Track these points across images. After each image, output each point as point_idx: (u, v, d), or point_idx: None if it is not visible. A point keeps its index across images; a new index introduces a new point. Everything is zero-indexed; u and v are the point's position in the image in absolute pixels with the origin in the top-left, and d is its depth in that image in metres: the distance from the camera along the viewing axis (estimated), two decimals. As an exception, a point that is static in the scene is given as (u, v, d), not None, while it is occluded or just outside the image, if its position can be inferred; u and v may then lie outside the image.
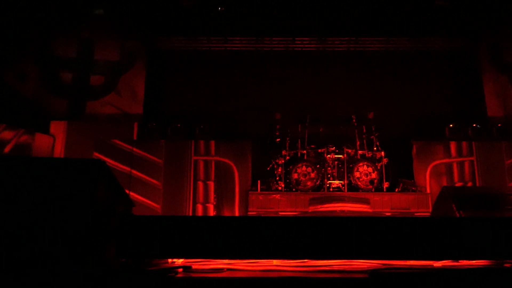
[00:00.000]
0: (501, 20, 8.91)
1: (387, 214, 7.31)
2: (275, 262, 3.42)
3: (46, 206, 3.02)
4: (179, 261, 3.63)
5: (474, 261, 3.29)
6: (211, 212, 7.90)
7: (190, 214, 7.83)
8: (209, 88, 9.49)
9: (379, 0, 8.78)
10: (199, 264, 3.48)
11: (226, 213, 7.91)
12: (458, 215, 4.02)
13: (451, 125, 8.37)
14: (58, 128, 8.39)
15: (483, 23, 9.12)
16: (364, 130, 8.28)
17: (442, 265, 3.32)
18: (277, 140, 8.27)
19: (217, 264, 3.45)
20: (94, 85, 9.24)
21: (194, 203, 7.93)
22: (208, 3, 9.07)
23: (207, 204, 7.94)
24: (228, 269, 3.36)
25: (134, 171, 7.95)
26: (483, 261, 3.26)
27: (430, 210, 7.23)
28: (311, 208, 7.14)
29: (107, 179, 3.30)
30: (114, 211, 3.39)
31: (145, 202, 7.77)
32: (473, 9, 8.81)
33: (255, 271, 3.34)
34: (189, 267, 3.39)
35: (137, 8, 9.08)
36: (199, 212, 7.90)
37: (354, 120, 8.34)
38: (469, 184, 7.84)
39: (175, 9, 9.09)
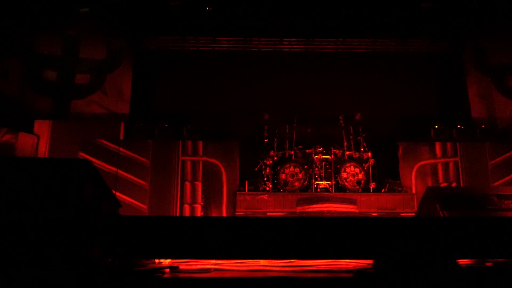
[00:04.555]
0: (485, 23, 9.08)
1: (374, 214, 7.38)
2: (262, 262, 3.44)
3: (32, 205, 2.99)
4: (166, 262, 3.62)
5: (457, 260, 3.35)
6: (199, 213, 7.87)
7: (177, 214, 7.79)
8: (197, 88, 9.45)
9: (366, 2, 8.87)
10: (186, 264, 3.48)
11: (214, 213, 7.89)
12: (442, 215, 4.09)
13: (436, 126, 8.49)
14: (42, 127, 8.26)
15: (467, 25, 9.29)
16: (351, 131, 8.34)
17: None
18: (265, 140, 8.29)
19: (204, 264, 3.46)
20: (79, 84, 9.14)
21: (182, 203, 7.88)
22: (196, 3, 9.04)
23: (195, 205, 7.91)
24: (215, 269, 3.37)
25: (120, 171, 7.88)
26: (465, 260, 3.32)
27: (416, 210, 7.34)
28: (299, 209, 7.17)
29: (93, 179, 3.27)
30: (101, 211, 3.37)
31: (132, 203, 7.70)
32: (458, 11, 8.96)
33: (242, 271, 3.35)
34: (176, 267, 3.39)
35: (124, 6, 8.99)
36: (187, 212, 7.86)
37: (341, 121, 8.40)
38: (454, 184, 7.96)
39: (163, 8, 9.03)
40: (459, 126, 8.48)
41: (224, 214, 7.87)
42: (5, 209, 2.97)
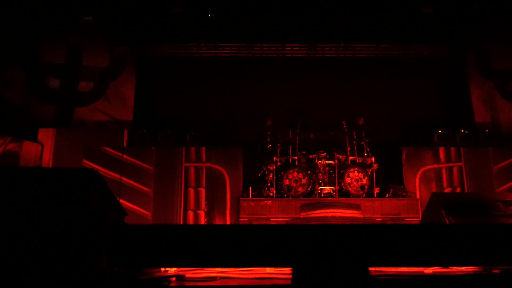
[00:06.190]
0: (487, 27, 9.08)
1: (378, 219, 7.36)
2: (268, 270, 3.43)
3: (38, 215, 3.00)
4: (172, 270, 3.62)
5: (463, 268, 3.33)
6: (202, 219, 7.86)
7: (181, 221, 7.78)
8: (199, 95, 9.49)
9: (368, 8, 8.90)
10: (192, 272, 3.48)
11: (218, 219, 7.88)
12: (447, 221, 4.07)
13: (439, 131, 8.47)
14: (46, 135, 8.28)
15: (469, 30, 9.29)
16: (355, 136, 8.33)
17: (433, 272, 3.35)
18: (268, 146, 8.29)
19: (210, 272, 3.46)
20: (82, 91, 9.18)
21: (185, 210, 7.88)
22: (198, 9, 9.09)
23: (198, 211, 7.91)
24: (221, 277, 3.37)
25: (124, 178, 7.88)
26: (472, 267, 3.31)
27: (420, 215, 7.31)
28: (303, 214, 7.16)
29: (99, 188, 3.28)
30: (106, 220, 3.37)
31: (136, 210, 7.70)
32: (459, 16, 8.97)
33: (248, 279, 3.35)
34: (182, 276, 3.39)
35: (127, 14, 9.04)
36: (190, 219, 7.85)
37: (344, 126, 8.39)
38: (458, 189, 7.93)
39: (165, 15, 9.08)
40: (462, 131, 8.46)
41: (228, 220, 7.87)
42: (10, 219, 2.98)
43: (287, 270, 3.34)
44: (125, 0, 8.81)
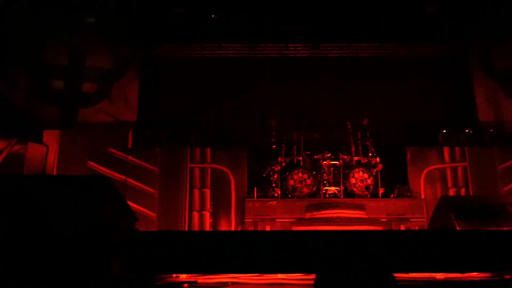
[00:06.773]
0: (491, 26, 9.05)
1: (383, 220, 7.36)
2: (280, 275, 3.45)
3: (51, 222, 3.02)
4: (183, 276, 3.63)
5: (475, 273, 3.34)
6: (208, 220, 7.88)
7: (186, 222, 7.81)
8: (203, 95, 9.47)
9: (371, 7, 8.88)
10: (203, 278, 3.50)
11: (223, 220, 7.90)
12: (456, 224, 4.08)
13: (444, 131, 8.46)
14: (51, 137, 8.29)
15: (474, 29, 9.26)
16: (359, 136, 8.32)
17: (444, 278, 3.36)
18: (273, 146, 8.29)
19: (222, 278, 3.47)
20: (86, 93, 9.18)
21: (190, 211, 7.90)
22: (202, 10, 9.07)
23: (204, 212, 7.92)
24: (233, 283, 3.39)
25: (129, 180, 7.90)
26: (484, 273, 3.32)
27: (425, 215, 7.33)
28: (308, 215, 7.17)
29: (111, 195, 3.30)
30: (119, 226, 3.39)
31: (141, 211, 7.71)
32: (464, 15, 8.95)
33: (260, 284, 3.36)
34: (195, 281, 3.41)
35: (130, 15, 9.03)
36: (196, 220, 7.87)
37: (349, 126, 8.38)
38: (463, 189, 7.94)
39: (168, 16, 9.07)
40: (467, 131, 8.46)
41: (233, 221, 7.89)
42: (24, 228, 2.99)
43: (299, 276, 3.36)
44: (129, 0, 8.81)
